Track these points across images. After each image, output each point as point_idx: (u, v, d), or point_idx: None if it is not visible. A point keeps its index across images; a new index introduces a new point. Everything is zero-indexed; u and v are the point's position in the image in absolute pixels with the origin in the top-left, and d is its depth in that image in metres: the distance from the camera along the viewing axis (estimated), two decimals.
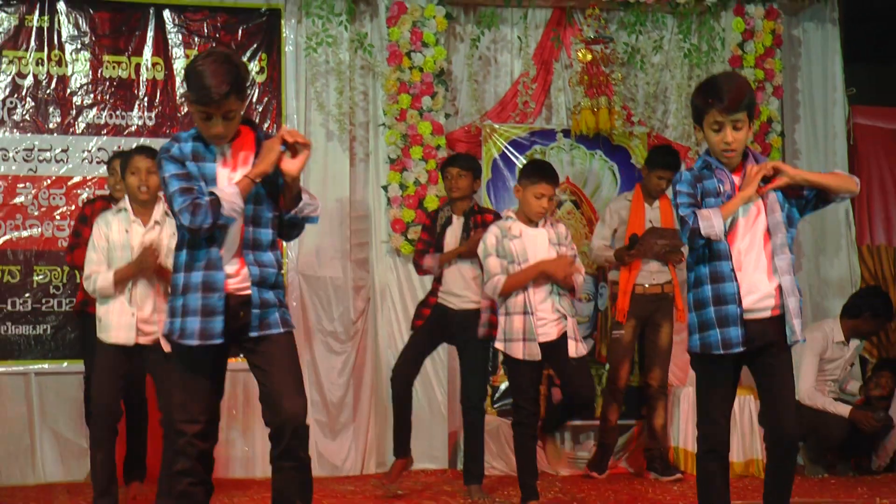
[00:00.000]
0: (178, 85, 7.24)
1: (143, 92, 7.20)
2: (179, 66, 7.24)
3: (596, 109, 7.43)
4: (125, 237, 5.39)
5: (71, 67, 7.12)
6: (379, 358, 7.36)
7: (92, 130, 7.11)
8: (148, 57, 7.22)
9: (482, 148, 7.44)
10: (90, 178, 7.07)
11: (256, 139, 3.90)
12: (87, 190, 7.03)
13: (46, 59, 7.08)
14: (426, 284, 6.65)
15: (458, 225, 6.22)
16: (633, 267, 6.82)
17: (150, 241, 5.32)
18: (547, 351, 5.50)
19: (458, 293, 6.15)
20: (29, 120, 7.06)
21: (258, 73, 7.27)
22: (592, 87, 7.46)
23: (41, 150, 7.04)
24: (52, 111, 7.08)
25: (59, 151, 7.06)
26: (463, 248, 6.12)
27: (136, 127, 7.16)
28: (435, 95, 7.33)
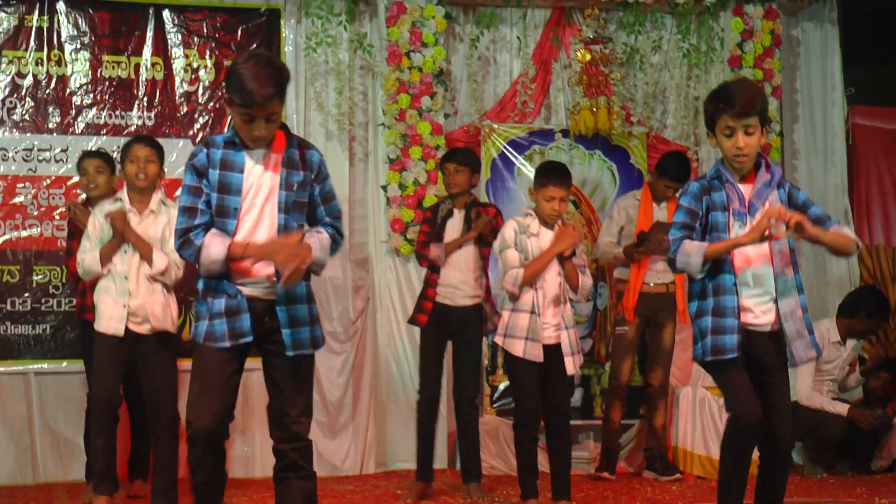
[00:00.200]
0: (177, 85, 7.25)
1: (142, 92, 7.20)
2: (179, 65, 7.24)
3: (595, 109, 7.43)
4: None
5: (70, 67, 7.12)
6: (378, 358, 7.36)
7: (91, 130, 7.10)
8: (147, 57, 7.22)
9: (481, 148, 7.44)
10: None
11: (288, 141, 3.86)
12: None
13: (46, 58, 7.08)
14: None
15: (458, 218, 6.20)
16: (642, 265, 6.82)
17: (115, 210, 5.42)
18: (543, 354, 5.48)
19: (457, 286, 6.12)
20: (28, 120, 7.05)
21: None
22: (591, 87, 7.46)
23: (41, 149, 7.04)
24: (51, 111, 7.08)
25: (58, 151, 7.05)
26: (473, 233, 6.09)
27: (135, 127, 7.15)
28: (434, 95, 7.33)
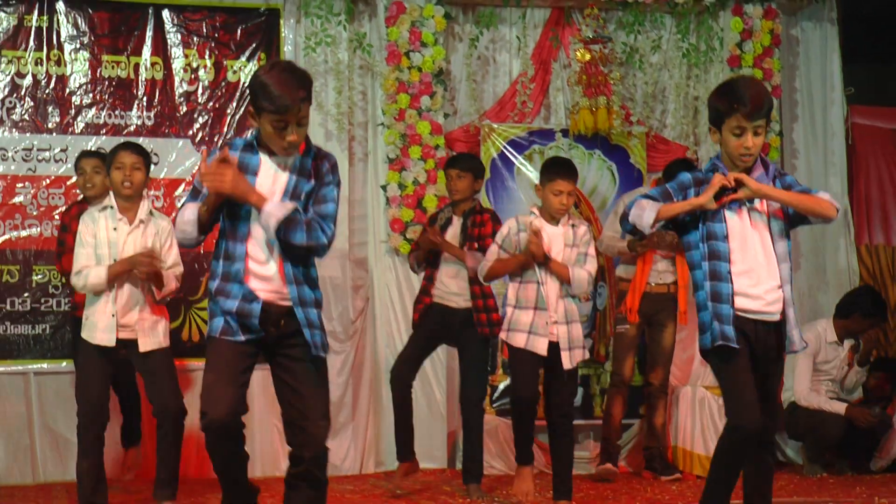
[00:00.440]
0: (177, 84, 7.25)
1: (141, 92, 7.20)
2: (178, 65, 7.24)
3: (594, 109, 7.43)
4: (113, 235, 5.40)
5: (70, 67, 7.11)
6: (378, 357, 7.37)
7: (91, 130, 7.10)
8: (147, 57, 7.21)
9: (481, 148, 7.44)
10: None
11: (307, 149, 3.82)
12: None
13: (45, 58, 7.07)
14: None
15: (457, 225, 6.22)
16: (645, 264, 6.82)
17: (150, 248, 5.35)
18: (547, 351, 5.51)
19: (455, 291, 6.15)
20: (28, 120, 7.05)
21: None
22: (591, 86, 7.46)
23: (40, 149, 7.04)
24: (51, 111, 7.08)
25: (58, 151, 7.05)
26: (454, 251, 6.11)
27: (134, 127, 7.15)
28: (434, 95, 7.33)
